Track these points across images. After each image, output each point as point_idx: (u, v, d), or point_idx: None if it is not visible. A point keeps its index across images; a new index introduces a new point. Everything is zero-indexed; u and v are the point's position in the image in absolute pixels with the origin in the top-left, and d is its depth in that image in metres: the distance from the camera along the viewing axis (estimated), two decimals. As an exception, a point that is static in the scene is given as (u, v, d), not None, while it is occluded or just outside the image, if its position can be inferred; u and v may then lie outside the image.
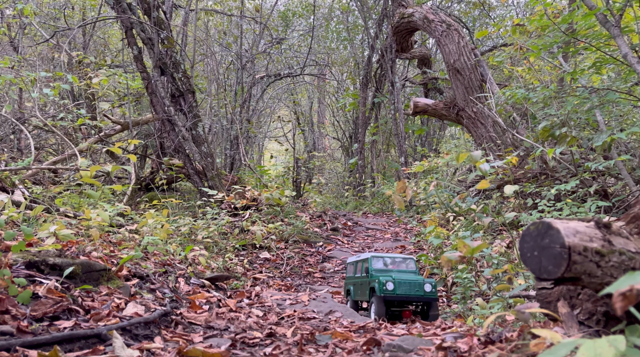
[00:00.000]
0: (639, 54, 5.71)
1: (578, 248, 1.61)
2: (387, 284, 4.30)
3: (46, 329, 2.20)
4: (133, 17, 9.63)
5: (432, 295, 4.38)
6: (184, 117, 10.09)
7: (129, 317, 2.63)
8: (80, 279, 2.96)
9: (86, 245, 3.84)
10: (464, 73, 10.87)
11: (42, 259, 2.84)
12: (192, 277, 4.05)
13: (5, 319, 2.13)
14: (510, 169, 7.70)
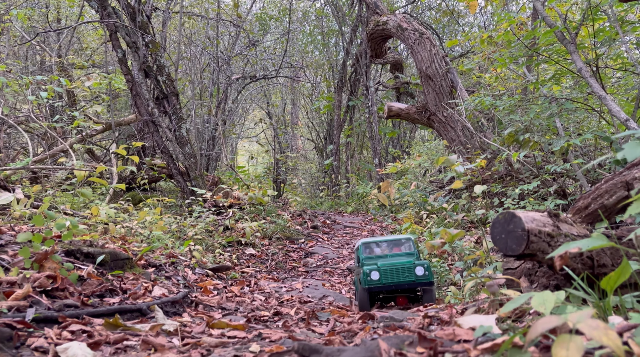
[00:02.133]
0: (592, 68, 6.38)
1: (534, 231, 2.13)
2: (372, 274, 3.90)
3: (100, 303, 2.61)
4: (118, 21, 9.91)
5: (425, 279, 3.94)
6: (167, 119, 10.41)
7: (158, 297, 3.05)
8: (109, 266, 3.36)
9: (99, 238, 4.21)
10: (435, 79, 11.50)
11: (77, 248, 3.23)
12: (197, 267, 4.47)
13: (67, 294, 2.53)
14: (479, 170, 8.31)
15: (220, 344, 2.35)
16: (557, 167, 5.51)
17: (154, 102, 10.37)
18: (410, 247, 4.37)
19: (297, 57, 21.57)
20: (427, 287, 4.03)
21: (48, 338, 2.00)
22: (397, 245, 4.39)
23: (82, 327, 2.18)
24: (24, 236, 2.60)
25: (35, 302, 2.30)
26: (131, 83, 10.25)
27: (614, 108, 5.44)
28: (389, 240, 4.44)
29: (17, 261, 2.76)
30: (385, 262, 4.06)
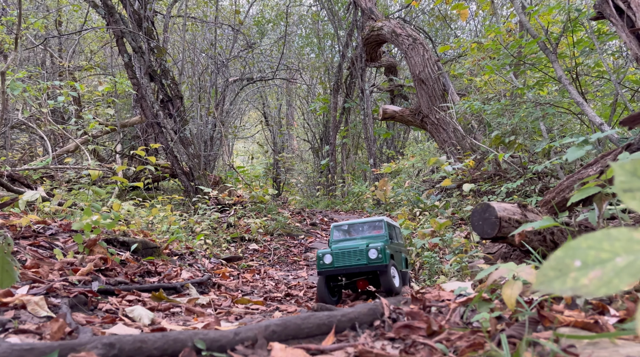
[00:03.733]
0: (572, 75, 6.90)
1: (505, 218, 2.62)
2: (325, 258, 3.72)
3: (143, 282, 3.09)
4: (125, 28, 10.35)
5: (378, 262, 3.65)
6: (172, 121, 10.86)
7: (187, 279, 3.53)
8: (141, 254, 3.83)
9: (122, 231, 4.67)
10: (428, 83, 12.01)
11: (114, 237, 3.70)
12: (212, 257, 4.95)
13: (116, 274, 3.01)
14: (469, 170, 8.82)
15: (247, 313, 2.84)
16: (538, 167, 6.01)
17: (159, 105, 10.82)
18: (381, 229, 4.09)
19: (294, 59, 22.05)
20: (382, 270, 3.68)
21: (113, 304, 2.47)
22: (370, 227, 4.15)
23: (136, 298, 2.66)
24: (78, 225, 3.06)
25: (95, 278, 2.77)
26: (137, 86, 10.69)
27: (590, 113, 5.96)
28: (361, 222, 4.18)
29: (69, 246, 3.23)
30: (341, 245, 3.86)
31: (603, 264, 0.77)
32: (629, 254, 0.76)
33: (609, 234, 0.80)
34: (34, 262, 2.65)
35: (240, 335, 1.64)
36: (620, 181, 0.86)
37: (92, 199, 8.70)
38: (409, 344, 1.62)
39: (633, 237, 0.78)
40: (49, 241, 3.24)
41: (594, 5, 4.40)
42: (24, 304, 1.97)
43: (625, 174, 0.86)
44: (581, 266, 0.78)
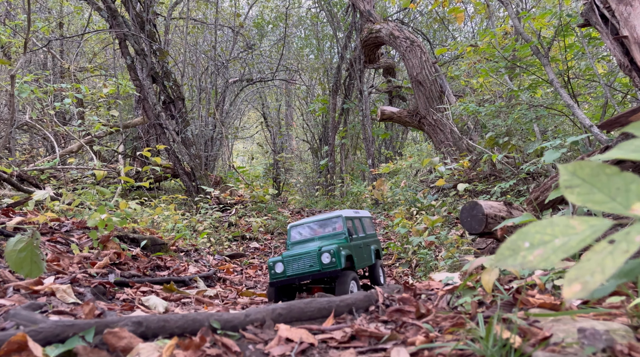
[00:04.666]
0: (564, 78, 7.12)
1: (491, 215, 2.83)
2: (276, 266, 3.42)
3: (154, 275, 3.30)
4: (128, 31, 10.55)
5: (332, 267, 3.36)
6: (174, 122, 11.07)
7: (194, 273, 3.73)
8: (150, 250, 4.03)
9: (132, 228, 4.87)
10: (426, 85, 12.22)
11: (125, 234, 3.90)
12: (216, 254, 5.16)
13: (128, 267, 3.21)
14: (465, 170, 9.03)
15: (252, 303, 3.05)
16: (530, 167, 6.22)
17: (161, 106, 11.02)
18: (339, 227, 3.79)
19: (293, 60, 22.25)
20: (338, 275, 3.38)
21: (129, 295, 2.68)
22: (327, 225, 3.86)
23: (149, 289, 2.87)
24: (93, 222, 3.27)
25: (110, 270, 2.98)
26: (139, 88, 10.89)
27: (580, 115, 6.17)
28: (318, 220, 3.91)
29: (84, 242, 3.43)
30: (292, 251, 3.55)
31: (545, 244, 0.97)
32: (564, 236, 0.97)
33: (552, 221, 1.01)
34: (55, 256, 2.85)
35: (251, 317, 1.85)
36: (563, 179, 1.07)
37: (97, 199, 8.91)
38: (399, 324, 1.83)
39: (569, 223, 0.98)
40: (64, 237, 3.45)
41: (581, 13, 4.62)
42: (53, 291, 2.17)
43: (567, 174, 1.07)
44: (529, 246, 0.99)
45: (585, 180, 1.04)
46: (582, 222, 0.98)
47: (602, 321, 1.46)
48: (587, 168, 1.05)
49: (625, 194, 0.96)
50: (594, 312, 1.58)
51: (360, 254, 3.75)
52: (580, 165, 1.06)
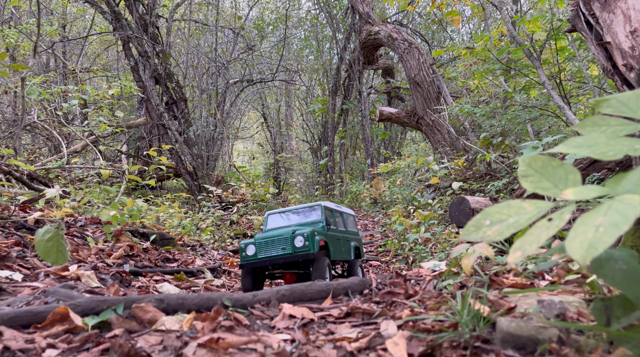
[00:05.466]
0: (556, 80, 7.35)
1: (477, 210, 3.06)
2: (247, 249, 3.37)
3: (164, 266, 3.52)
4: (132, 33, 10.77)
5: (304, 250, 3.27)
6: (177, 123, 11.30)
7: (201, 265, 3.96)
8: (159, 244, 4.26)
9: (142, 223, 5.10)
10: (423, 86, 12.44)
11: (135, 229, 4.13)
12: (220, 249, 5.38)
13: (140, 259, 3.44)
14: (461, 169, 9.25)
15: (256, 292, 3.26)
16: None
17: (164, 107, 11.24)
18: (317, 216, 3.72)
19: (293, 61, 22.48)
20: (311, 260, 3.31)
21: (143, 282, 2.91)
22: (305, 213, 3.81)
23: (161, 278, 3.09)
24: (107, 216, 3.49)
25: (125, 261, 3.20)
26: (142, 89, 11.11)
27: (570, 116, 6.39)
28: (297, 208, 3.88)
29: (97, 236, 3.66)
30: (265, 234, 3.49)
31: (501, 222, 1.20)
32: (517, 215, 1.19)
33: (508, 204, 1.24)
34: (74, 248, 3.07)
35: (258, 297, 2.08)
36: (521, 169, 1.30)
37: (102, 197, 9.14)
38: (389, 303, 2.06)
39: (521, 205, 1.21)
40: (80, 231, 3.67)
41: (568, 19, 4.84)
42: (78, 277, 2.40)
43: (524, 165, 1.30)
44: (489, 224, 1.22)
45: (537, 170, 1.27)
46: (531, 204, 1.20)
47: (563, 295, 1.69)
48: (539, 161, 1.28)
49: (564, 182, 1.19)
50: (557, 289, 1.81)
51: (338, 246, 3.65)
52: (534, 159, 1.29)
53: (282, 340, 1.62)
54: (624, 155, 1.13)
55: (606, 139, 1.20)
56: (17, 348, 1.40)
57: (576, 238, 0.96)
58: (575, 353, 1.16)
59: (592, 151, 1.19)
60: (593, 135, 1.24)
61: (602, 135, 1.23)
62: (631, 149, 1.13)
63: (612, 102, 1.31)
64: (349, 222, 4.15)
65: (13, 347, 1.40)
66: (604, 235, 0.92)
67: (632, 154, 1.12)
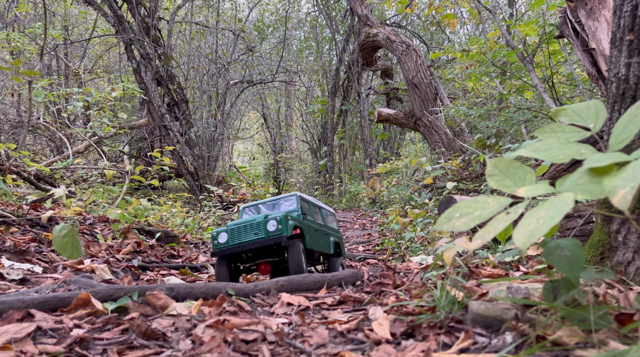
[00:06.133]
0: (548, 83, 7.54)
1: (465, 208, 3.26)
2: (219, 237, 3.27)
3: (170, 262, 3.72)
4: (134, 36, 10.96)
5: (278, 233, 3.16)
6: (178, 124, 11.50)
7: (204, 261, 4.15)
8: (164, 241, 4.45)
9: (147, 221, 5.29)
10: (421, 87, 12.65)
11: (141, 227, 4.32)
12: (221, 247, 5.59)
13: (147, 255, 3.64)
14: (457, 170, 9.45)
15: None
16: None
17: (166, 109, 11.44)
18: (293, 205, 3.64)
19: (292, 62, 22.68)
20: (285, 246, 3.20)
21: (151, 276, 3.10)
22: (280, 204, 3.73)
23: (167, 272, 3.29)
24: (115, 215, 3.69)
25: (133, 257, 3.40)
26: (145, 91, 11.31)
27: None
28: (273, 199, 3.78)
29: (106, 233, 3.86)
30: (237, 221, 3.40)
31: (468, 215, 1.40)
32: (482, 209, 1.39)
33: (475, 199, 1.44)
34: (86, 244, 3.27)
35: (258, 287, 2.28)
36: (488, 169, 1.50)
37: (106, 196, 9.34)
38: (378, 292, 2.26)
39: (486, 200, 1.41)
40: (89, 229, 3.87)
41: (557, 26, 5.04)
42: (92, 269, 2.60)
43: (491, 166, 1.49)
44: (459, 216, 1.41)
45: (501, 171, 1.47)
46: (494, 200, 1.40)
47: (531, 283, 1.89)
48: (503, 162, 1.48)
49: (522, 181, 1.38)
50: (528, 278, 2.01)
51: (315, 236, 3.54)
52: (499, 161, 1.49)
53: (281, 323, 1.82)
54: (571, 158, 1.32)
55: (559, 144, 1.39)
56: (48, 328, 1.60)
57: (521, 229, 1.15)
58: (530, 327, 1.36)
59: (546, 155, 1.38)
60: (549, 141, 1.44)
61: (557, 141, 1.42)
62: (577, 153, 1.32)
63: (568, 112, 1.51)
64: (329, 218, 4.11)
65: (44, 327, 1.60)
66: (542, 226, 1.11)
67: (577, 158, 1.32)
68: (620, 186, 1.10)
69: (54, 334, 1.58)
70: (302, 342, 1.62)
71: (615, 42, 2.28)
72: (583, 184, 1.22)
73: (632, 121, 1.28)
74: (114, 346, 1.52)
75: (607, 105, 2.41)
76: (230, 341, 1.53)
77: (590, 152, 1.31)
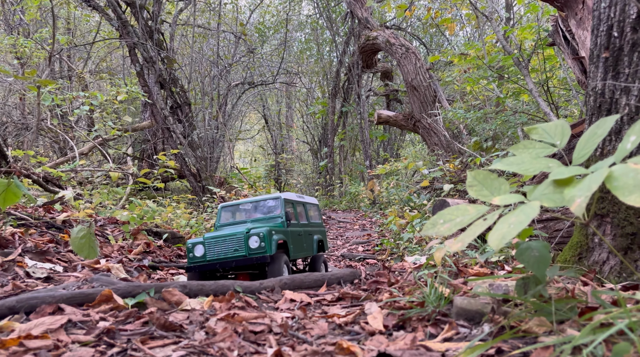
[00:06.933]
0: (543, 87, 7.73)
1: (457, 210, 3.45)
2: (195, 249, 3.11)
3: (177, 261, 3.91)
4: (138, 40, 11.16)
5: (260, 252, 2.99)
6: (181, 126, 11.69)
7: (210, 262, 4.33)
8: (170, 242, 4.64)
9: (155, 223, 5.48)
10: (420, 90, 12.83)
11: (149, 228, 4.51)
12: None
13: (156, 255, 3.83)
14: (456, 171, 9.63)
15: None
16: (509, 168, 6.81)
17: (169, 111, 11.63)
18: (276, 210, 3.43)
19: (293, 63, 22.88)
20: (266, 263, 3.00)
21: (162, 275, 3.29)
22: (263, 207, 3.51)
23: (176, 271, 3.48)
24: (125, 217, 3.88)
25: (143, 257, 3.59)
26: (148, 94, 11.50)
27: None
28: (254, 201, 3.57)
29: (116, 234, 4.05)
30: (216, 232, 3.20)
31: (451, 221, 1.58)
32: (462, 216, 1.58)
33: (457, 207, 1.62)
34: (100, 245, 3.46)
35: (264, 284, 2.47)
36: (468, 180, 1.68)
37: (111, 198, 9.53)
38: (374, 289, 2.45)
39: (466, 208, 1.59)
40: (100, 230, 4.05)
41: (548, 34, 5.23)
42: (108, 268, 2.79)
43: (470, 177, 1.68)
44: (442, 222, 1.60)
45: (480, 182, 1.65)
46: (473, 208, 1.59)
47: (512, 281, 2.08)
48: (481, 174, 1.66)
49: (497, 191, 1.57)
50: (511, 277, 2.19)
51: (299, 243, 3.39)
52: (478, 173, 1.68)
53: (285, 316, 2.01)
54: (540, 171, 1.51)
55: (530, 159, 1.58)
56: (77, 320, 1.79)
57: (495, 232, 1.34)
58: (504, 319, 1.55)
59: (519, 168, 1.57)
60: (522, 156, 1.62)
61: (529, 156, 1.61)
62: (545, 167, 1.51)
63: (539, 130, 1.70)
64: (312, 213, 3.95)
65: (74, 319, 1.79)
66: (512, 229, 1.30)
67: (545, 170, 1.50)
68: (577, 195, 1.28)
69: (83, 325, 1.77)
70: (304, 334, 1.81)
71: (592, 59, 2.47)
72: (548, 193, 1.40)
73: (591, 139, 1.46)
74: (137, 336, 1.71)
75: (587, 116, 2.60)
76: (240, 331, 1.72)
77: (557, 165, 1.50)
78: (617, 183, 1.23)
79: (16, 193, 2.67)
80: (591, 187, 1.27)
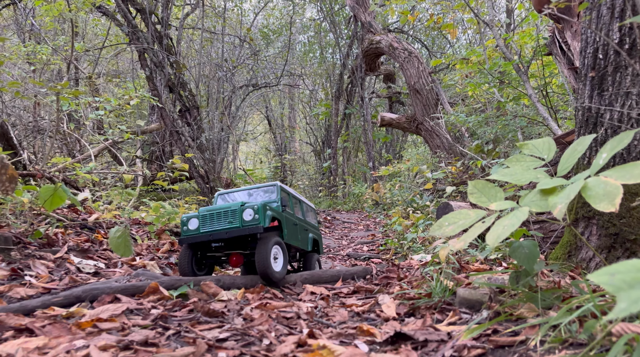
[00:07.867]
0: (543, 93, 8.01)
1: (460, 212, 3.73)
2: (190, 223, 3.08)
3: (200, 259, 4.20)
4: (147, 45, 11.46)
5: (254, 223, 2.94)
6: (189, 129, 11.99)
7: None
8: (189, 241, 4.92)
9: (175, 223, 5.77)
10: (422, 93, 13.12)
11: (170, 228, 4.80)
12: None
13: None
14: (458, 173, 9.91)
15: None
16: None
17: (177, 114, 11.94)
18: (273, 195, 3.44)
19: (296, 65, 23.18)
20: (259, 237, 2.95)
21: (187, 271, 3.57)
22: (259, 193, 3.51)
23: (200, 269, 3.76)
24: (150, 217, 4.17)
25: (170, 255, 3.88)
26: (158, 97, 11.80)
27: (554, 127, 7.06)
28: (252, 188, 3.57)
29: (141, 234, 4.34)
30: (211, 206, 3.21)
31: (455, 223, 1.87)
32: (464, 219, 1.86)
33: (460, 212, 1.91)
34: (129, 243, 3.76)
35: (286, 279, 2.76)
36: (469, 189, 1.97)
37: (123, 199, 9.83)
38: (385, 284, 2.74)
39: (467, 213, 1.88)
40: (126, 231, 4.35)
41: (545, 45, 5.51)
42: (144, 265, 3.08)
43: (471, 186, 1.97)
44: (448, 224, 1.89)
45: (479, 190, 1.94)
46: (474, 212, 1.88)
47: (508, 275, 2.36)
48: (480, 184, 1.95)
49: (494, 198, 1.86)
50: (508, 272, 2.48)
51: (293, 230, 3.38)
52: (477, 183, 1.97)
53: (309, 306, 2.30)
54: (530, 181, 1.79)
55: (522, 170, 1.87)
56: (133, 308, 2.08)
57: (492, 233, 1.63)
58: (500, 306, 1.83)
59: (512, 178, 1.86)
60: (515, 168, 1.91)
61: (520, 168, 1.90)
62: (534, 177, 1.80)
63: (530, 146, 1.99)
64: (309, 214, 3.99)
65: (130, 307, 2.08)
66: (505, 230, 1.58)
67: (534, 181, 1.79)
68: (559, 202, 1.57)
69: (139, 312, 2.06)
70: (328, 320, 2.10)
71: (580, 78, 2.76)
72: (536, 200, 1.69)
73: (572, 154, 1.75)
74: (186, 321, 2.00)
75: (576, 128, 2.89)
76: (274, 317, 2.01)
77: (544, 176, 1.78)
78: (591, 192, 1.51)
79: (62, 197, 2.97)
80: (570, 195, 1.56)
